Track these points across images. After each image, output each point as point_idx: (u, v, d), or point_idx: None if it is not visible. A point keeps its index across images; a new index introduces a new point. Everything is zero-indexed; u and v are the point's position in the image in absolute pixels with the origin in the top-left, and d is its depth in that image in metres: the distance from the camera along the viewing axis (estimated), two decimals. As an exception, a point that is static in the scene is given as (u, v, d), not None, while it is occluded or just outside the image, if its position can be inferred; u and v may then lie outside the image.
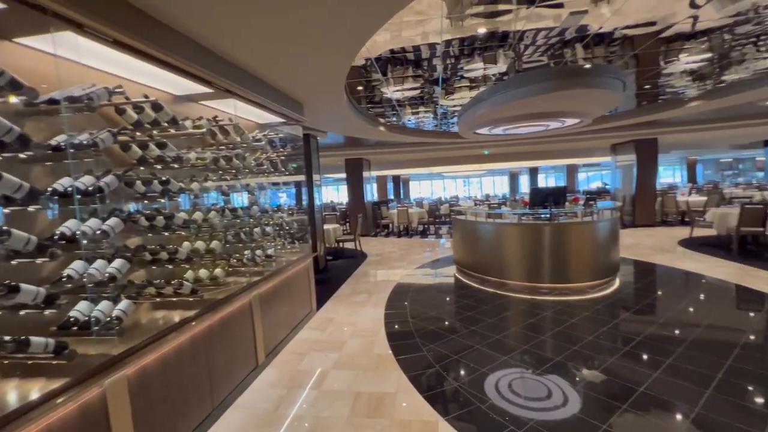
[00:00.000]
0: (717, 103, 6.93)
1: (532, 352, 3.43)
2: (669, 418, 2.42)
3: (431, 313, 4.62)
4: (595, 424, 2.38)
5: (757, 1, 3.46)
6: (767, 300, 4.47)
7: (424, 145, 11.70)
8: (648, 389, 2.72)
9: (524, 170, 25.56)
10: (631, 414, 2.46)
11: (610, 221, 5.56)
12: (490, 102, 5.07)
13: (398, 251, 9.10)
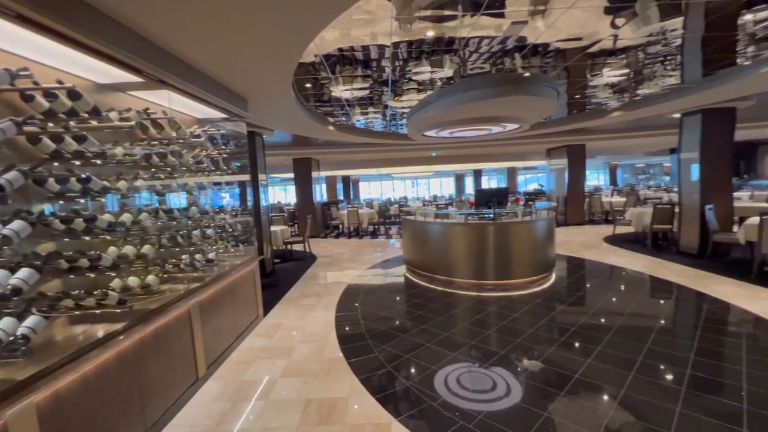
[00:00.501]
0: (633, 115, 7.75)
1: (479, 346, 3.56)
2: (600, 400, 2.63)
3: (382, 313, 4.62)
4: (537, 412, 2.52)
5: (665, 26, 3.92)
6: (675, 288, 5.08)
7: (374, 146, 11.75)
8: (582, 375, 2.95)
9: (469, 172, 26.71)
10: (568, 399, 2.65)
11: (547, 220, 5.97)
12: (437, 105, 5.20)
13: (349, 252, 9.02)
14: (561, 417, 2.45)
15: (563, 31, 3.90)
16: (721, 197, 6.67)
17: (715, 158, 6.67)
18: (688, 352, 3.26)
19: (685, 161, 7.11)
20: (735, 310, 4.15)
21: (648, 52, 4.71)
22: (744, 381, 2.76)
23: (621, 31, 3.95)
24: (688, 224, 7.03)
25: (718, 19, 3.69)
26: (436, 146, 12.52)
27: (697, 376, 2.86)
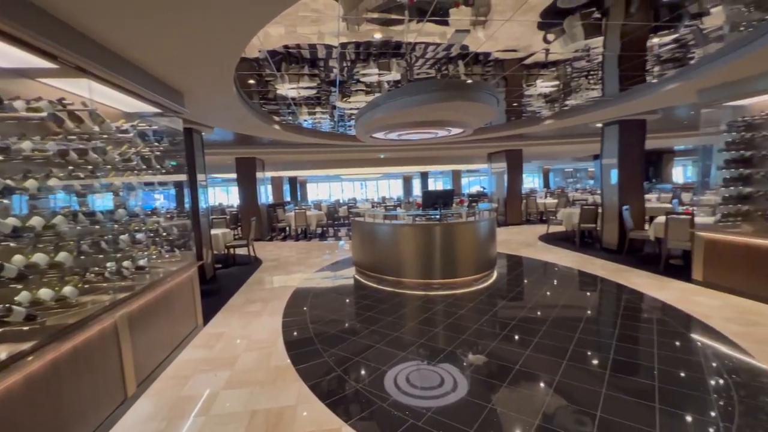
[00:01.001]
0: (563, 123, 8.45)
1: (427, 344, 3.64)
2: (538, 388, 2.82)
3: (331, 316, 4.55)
4: (482, 404, 2.63)
5: (588, 43, 4.33)
6: (599, 281, 5.61)
7: (322, 147, 11.58)
8: (522, 366, 3.13)
9: (417, 174, 27.38)
10: (509, 390, 2.80)
11: (489, 221, 6.29)
12: (385, 107, 5.25)
13: (296, 255, 8.78)
14: (503, 407, 2.58)
15: (501, 43, 4.14)
16: (635, 199, 7.51)
17: (630, 164, 7.50)
18: (610, 338, 3.61)
19: (606, 166, 7.90)
20: (647, 299, 4.69)
21: (575, 67, 5.17)
22: (655, 361, 3.12)
23: (552, 46, 4.28)
24: (609, 223, 7.81)
25: (630, 41, 4.14)
26: (385, 148, 12.66)
27: (618, 360, 3.17)
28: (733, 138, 4.75)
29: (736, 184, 4.78)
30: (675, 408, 2.49)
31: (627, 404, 2.55)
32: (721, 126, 4.94)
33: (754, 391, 2.66)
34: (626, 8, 3.39)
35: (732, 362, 3.08)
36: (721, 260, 4.85)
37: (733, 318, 3.95)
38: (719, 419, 2.37)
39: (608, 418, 2.41)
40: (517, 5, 3.19)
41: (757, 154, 4.58)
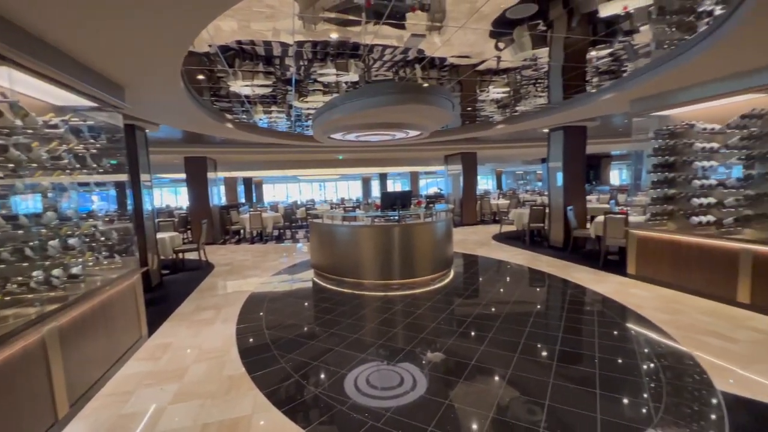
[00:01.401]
0: (513, 128, 8.88)
1: (387, 345, 3.66)
2: (492, 382, 2.93)
3: (289, 321, 4.43)
4: (440, 401, 2.69)
5: (536, 53, 4.59)
6: (547, 277, 5.96)
7: (278, 147, 11.27)
8: (477, 362, 3.24)
9: (375, 175, 27.50)
10: (466, 385, 2.89)
11: (446, 221, 6.46)
12: (342, 108, 5.22)
13: (252, 259, 8.47)
14: (460, 402, 2.66)
15: (456, 48, 4.27)
16: (578, 200, 8.08)
17: (573, 167, 8.06)
18: (557, 331, 3.84)
19: (552, 169, 8.42)
20: (589, 292, 5.05)
21: (524, 75, 5.45)
22: (596, 350, 3.36)
23: (503, 54, 4.48)
24: (555, 222, 8.33)
25: (572, 53, 4.45)
26: (343, 149, 12.58)
27: (564, 351, 3.38)
28: (660, 144, 5.26)
29: (662, 187, 5.29)
30: (613, 392, 2.70)
31: (572, 392, 2.73)
32: (649, 133, 5.44)
33: (678, 372, 2.95)
34: (568, 22, 3.64)
35: (660, 348, 3.40)
36: (651, 255, 5.35)
37: (661, 307, 4.36)
38: (650, 400, 2.60)
39: (555, 406, 2.56)
40: (471, 13, 3.31)
41: (679, 160, 5.11)
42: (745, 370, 2.93)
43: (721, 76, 4.34)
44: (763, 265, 4.05)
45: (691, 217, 4.78)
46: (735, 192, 4.43)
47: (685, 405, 2.53)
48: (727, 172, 4.58)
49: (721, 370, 2.95)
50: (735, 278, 4.29)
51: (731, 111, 4.44)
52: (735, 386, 2.72)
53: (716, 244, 4.50)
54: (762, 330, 3.66)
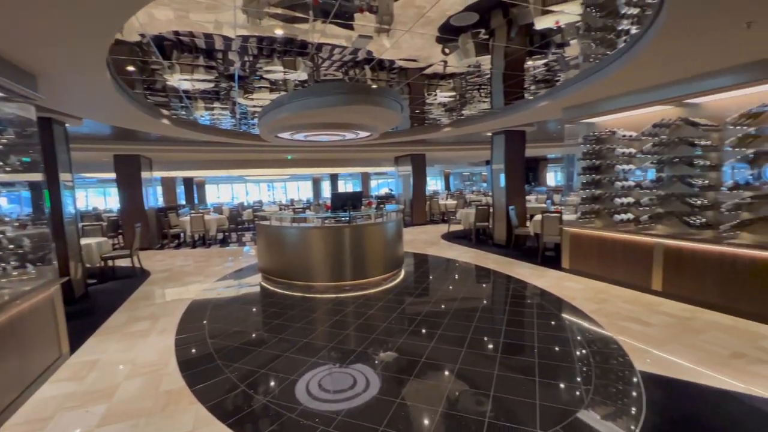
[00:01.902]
0: (460, 131, 9.25)
1: (338, 347, 3.62)
2: (442, 377, 3.02)
3: (235, 328, 4.22)
4: (391, 400, 2.71)
5: (479, 60, 4.82)
6: (491, 274, 6.27)
7: (222, 146, 10.72)
8: (427, 358, 3.32)
9: (326, 176, 27.15)
10: (417, 382, 2.94)
11: (396, 221, 6.55)
12: (290, 107, 5.08)
13: (193, 264, 7.95)
14: (411, 400, 2.70)
15: (405, 52, 4.34)
16: (519, 200, 8.60)
17: (514, 169, 8.57)
18: (501, 324, 4.05)
19: (495, 171, 8.88)
20: (529, 287, 5.40)
21: (469, 81, 5.69)
22: (536, 340, 3.60)
23: (449, 59, 4.64)
24: (499, 221, 8.80)
25: (512, 61, 4.73)
26: (292, 149, 12.26)
27: (507, 343, 3.58)
28: (588, 149, 5.76)
29: (590, 187, 5.80)
30: (550, 379, 2.90)
31: (515, 381, 2.89)
32: (579, 139, 5.95)
33: (605, 356, 3.25)
34: (508, 32, 3.86)
35: (590, 334, 3.72)
36: (582, 251, 5.84)
37: (591, 298, 4.78)
38: (581, 383, 2.84)
39: (500, 395, 2.70)
40: (417, 17, 3.39)
41: (604, 163, 5.63)
42: (659, 351, 3.30)
43: (636, 89, 4.86)
44: (671, 257, 4.60)
45: (614, 215, 5.30)
46: (649, 192, 4.98)
47: (611, 385, 2.79)
48: (643, 174, 5.14)
49: (641, 352, 3.30)
50: (650, 269, 4.83)
51: (646, 120, 4.98)
52: (651, 365, 3.05)
53: (634, 239, 5.03)
54: (672, 314, 4.15)
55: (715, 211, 4.32)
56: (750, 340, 3.45)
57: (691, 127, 4.45)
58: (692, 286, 4.41)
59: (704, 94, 4.24)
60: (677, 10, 2.67)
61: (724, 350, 3.26)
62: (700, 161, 4.39)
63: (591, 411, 2.50)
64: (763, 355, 3.16)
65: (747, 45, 3.35)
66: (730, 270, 4.07)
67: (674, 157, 4.65)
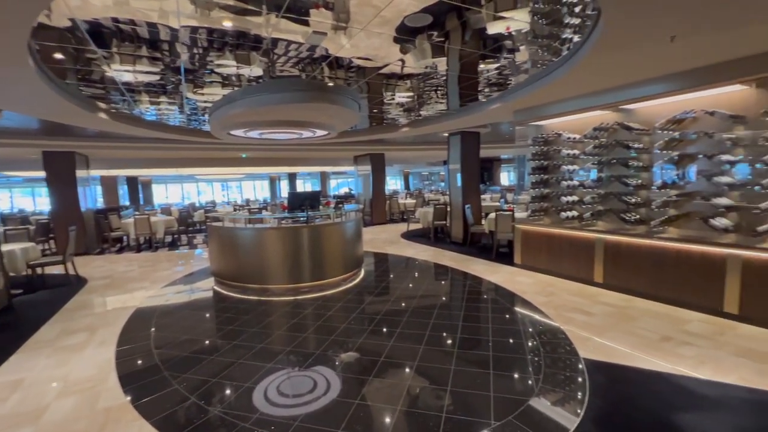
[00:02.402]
0: (417, 131, 9.38)
1: (297, 351, 3.54)
2: (401, 375, 3.04)
3: (184, 336, 3.98)
4: (350, 401, 2.69)
5: (435, 61, 4.92)
6: (449, 271, 6.43)
7: (170, 143, 10.08)
8: (387, 357, 3.33)
9: (284, 175, 26.46)
10: (377, 381, 2.94)
11: (355, 221, 6.51)
12: (243, 103, 4.88)
13: (138, 269, 7.41)
14: (371, 399, 2.70)
15: (362, 50, 4.32)
16: (474, 198, 8.90)
17: (470, 169, 8.85)
18: (457, 319, 4.17)
19: (452, 171, 9.12)
20: (485, 282, 5.60)
21: (426, 82, 5.79)
22: (490, 334, 3.74)
23: (406, 59, 4.69)
24: (456, 220, 9.05)
25: (466, 64, 4.87)
26: (247, 147, 11.81)
27: (463, 338, 3.68)
28: (536, 150, 6.08)
29: (539, 187, 6.13)
30: (504, 371, 3.02)
31: (471, 375, 2.98)
32: (528, 140, 6.26)
33: (553, 346, 3.44)
34: (462, 35, 3.97)
35: (540, 326, 3.93)
36: (532, 247, 6.16)
37: (540, 291, 5.05)
38: (532, 373, 2.98)
39: (457, 390, 2.77)
40: (374, 16, 3.38)
41: (551, 164, 5.97)
42: (601, 338, 3.56)
43: (579, 94, 5.21)
44: (610, 251, 4.98)
45: (560, 212, 5.63)
46: (591, 191, 5.35)
47: (559, 373, 2.97)
48: (586, 174, 5.50)
49: (584, 340, 3.53)
50: (592, 263, 5.19)
51: (588, 124, 5.34)
52: (593, 352, 3.28)
53: (578, 235, 5.38)
54: (611, 304, 4.49)
55: (647, 208, 4.73)
56: (676, 324, 3.82)
57: (626, 131, 4.84)
58: (628, 278, 4.80)
59: (637, 100, 4.63)
60: (611, 23, 2.88)
61: (655, 335, 3.58)
62: (634, 162, 4.78)
63: (541, 398, 2.63)
64: (687, 337, 3.50)
65: (672, 57, 3.70)
66: (659, 262, 4.48)
67: (612, 158, 5.03)
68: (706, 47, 3.42)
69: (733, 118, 3.88)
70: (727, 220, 4.00)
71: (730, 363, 3.02)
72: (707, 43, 3.31)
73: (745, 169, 3.87)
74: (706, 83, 3.95)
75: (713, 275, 4.00)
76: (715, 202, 4.01)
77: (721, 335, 3.53)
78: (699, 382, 2.78)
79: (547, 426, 2.35)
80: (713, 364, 3.01)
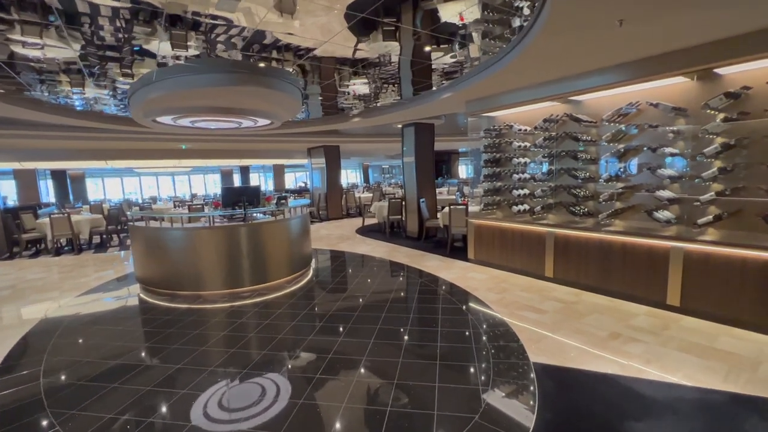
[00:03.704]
0: (369, 122, 8.92)
1: (226, 368, 3.06)
2: (350, 371, 2.69)
3: (88, 357, 3.38)
4: (294, 401, 2.29)
5: (388, 46, 4.54)
6: (403, 269, 6.15)
7: (98, 132, 8.99)
8: (335, 353, 2.97)
9: (237, 168, 25.02)
10: (328, 379, 2.56)
11: (301, 217, 6.04)
12: (161, 86, 4.26)
13: (52, 276, 6.46)
14: (319, 399, 2.32)
15: (309, 33, 3.85)
16: (429, 192, 8.70)
17: (424, 162, 8.61)
18: (406, 324, 3.87)
19: (407, 164, 8.85)
20: (437, 280, 5.37)
21: (381, 69, 5.39)
22: (439, 339, 3.48)
23: (361, 45, 4.27)
24: (411, 214, 8.80)
25: (419, 49, 4.54)
26: (187, 138, 10.85)
27: (410, 345, 3.39)
28: (489, 142, 5.92)
29: (491, 180, 5.99)
30: (451, 382, 2.76)
31: (418, 366, 2.69)
32: (481, 132, 6.08)
33: (506, 351, 3.24)
34: (413, 19, 3.62)
35: (492, 327, 3.73)
36: (485, 241, 6.03)
37: (492, 288, 4.90)
38: (481, 383, 2.74)
39: (397, 410, 2.45)
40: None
41: (503, 156, 5.84)
42: (551, 337, 3.41)
43: (529, 84, 5.07)
44: (560, 245, 4.92)
45: (513, 206, 5.52)
46: (542, 184, 5.26)
47: (510, 382, 2.75)
48: (538, 167, 5.41)
49: (535, 340, 3.37)
50: (543, 257, 5.12)
51: (538, 115, 5.23)
52: (543, 353, 3.11)
53: (529, 229, 5.29)
54: (561, 299, 4.41)
55: (595, 201, 4.70)
56: (623, 319, 3.77)
57: (575, 123, 4.76)
58: (577, 272, 4.76)
59: (586, 91, 4.54)
60: (558, 4, 2.66)
61: (603, 332, 3.49)
62: (583, 155, 4.72)
63: (490, 412, 2.38)
64: (634, 333, 3.45)
65: (621, 45, 3.58)
66: (606, 255, 4.45)
67: (561, 150, 4.95)
68: (653, 36, 3.32)
69: (675, 110, 3.87)
70: (669, 212, 4.01)
71: (675, 359, 2.96)
72: (654, 32, 3.21)
73: (684, 162, 3.88)
74: (652, 74, 3.89)
75: (657, 268, 4.00)
76: (658, 195, 4.00)
77: (666, 329, 3.51)
78: (647, 383, 2.67)
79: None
80: (659, 362, 2.93)
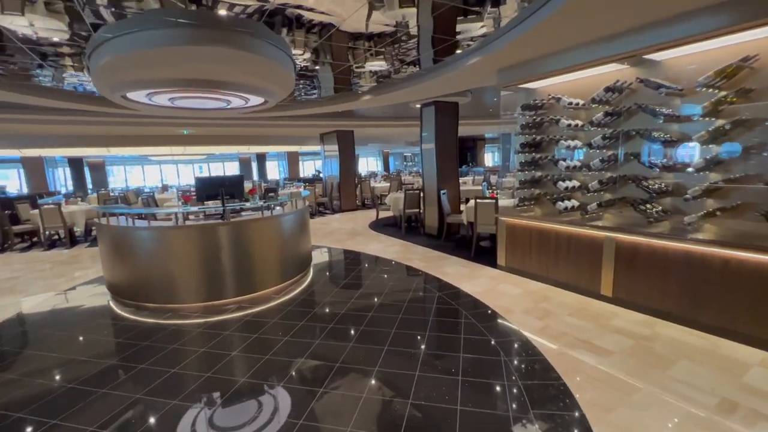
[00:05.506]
0: (380, 99, 7.60)
1: (175, 412, 2.17)
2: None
3: (29, 380, 2.57)
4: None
5: (405, 14, 3.49)
6: (416, 276, 5.09)
7: (96, 115, 8.36)
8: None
9: (254, 156, 24.42)
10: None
11: (298, 213, 5.09)
12: (111, 48, 3.34)
13: (26, 275, 5.84)
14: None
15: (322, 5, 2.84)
16: (452, 183, 7.54)
17: (446, 147, 7.42)
18: (414, 368, 2.84)
19: (426, 150, 7.69)
20: (459, 294, 4.30)
21: (397, 41, 4.31)
22: (460, 376, 2.44)
23: (374, 14, 3.25)
24: (429, 207, 7.69)
25: (440, 17, 3.44)
26: (188, 122, 10.11)
27: (420, 389, 2.38)
28: (526, 121, 4.72)
29: (529, 168, 4.81)
30: None
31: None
32: (516, 109, 4.87)
33: (556, 408, 2.17)
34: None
35: (532, 370, 2.65)
36: (519, 244, 4.88)
37: (531, 309, 3.79)
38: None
39: None
40: None
41: (545, 138, 4.64)
42: (631, 397, 2.31)
43: (584, 41, 3.82)
44: (625, 254, 3.73)
45: (557, 202, 4.35)
46: (599, 174, 4.06)
47: None
48: (594, 151, 4.16)
49: (601, 415, 2.28)
50: (599, 269, 3.94)
51: (596, 84, 3.98)
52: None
53: (580, 232, 4.11)
54: (628, 331, 3.24)
55: (675, 198, 3.47)
56: (731, 371, 2.60)
57: (652, 91, 3.50)
58: (648, 292, 3.57)
59: (669, 45, 3.24)
60: None
61: (707, 396, 2.35)
62: (661, 134, 3.48)
63: None
64: (757, 401, 2.29)
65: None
66: (695, 272, 3.24)
67: (630, 129, 3.72)
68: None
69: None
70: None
71: None
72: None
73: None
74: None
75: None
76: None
77: (806, 396, 2.33)
78: None
79: None
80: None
